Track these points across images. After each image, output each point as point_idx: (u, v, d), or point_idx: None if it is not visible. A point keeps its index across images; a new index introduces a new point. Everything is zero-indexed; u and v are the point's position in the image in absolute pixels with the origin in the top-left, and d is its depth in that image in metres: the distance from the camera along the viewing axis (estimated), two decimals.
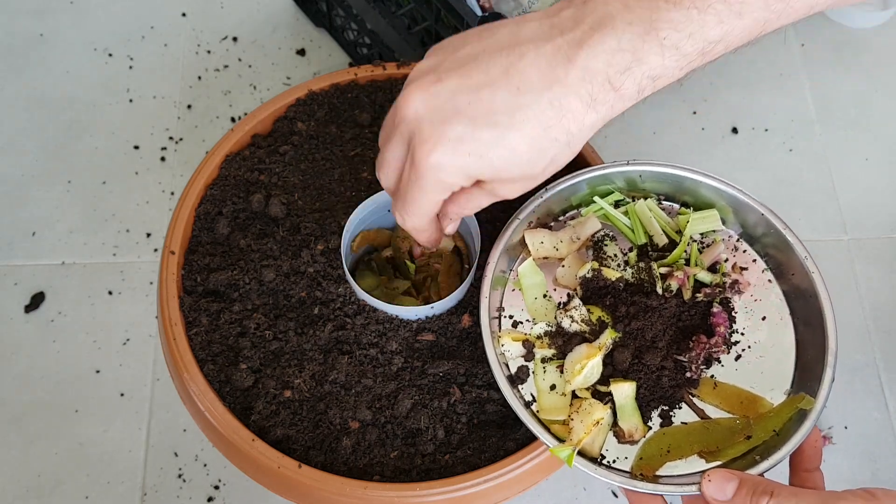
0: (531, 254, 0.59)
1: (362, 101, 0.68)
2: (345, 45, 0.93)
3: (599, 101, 0.45)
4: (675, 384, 0.55)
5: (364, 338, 0.58)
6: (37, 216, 0.85)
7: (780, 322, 0.58)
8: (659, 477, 0.52)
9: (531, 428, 0.53)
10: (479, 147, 0.46)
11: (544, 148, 0.46)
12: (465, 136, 0.46)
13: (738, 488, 0.46)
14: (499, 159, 0.46)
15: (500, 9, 0.79)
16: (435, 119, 0.46)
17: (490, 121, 0.45)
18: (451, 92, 0.46)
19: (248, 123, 0.66)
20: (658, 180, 0.60)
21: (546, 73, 0.45)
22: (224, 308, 0.59)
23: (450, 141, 0.46)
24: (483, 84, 0.46)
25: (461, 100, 0.46)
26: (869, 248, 0.87)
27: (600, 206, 0.60)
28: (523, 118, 0.45)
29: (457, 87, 0.46)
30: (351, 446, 0.56)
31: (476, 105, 0.46)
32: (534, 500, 0.75)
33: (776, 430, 0.53)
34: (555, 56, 0.45)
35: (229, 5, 0.97)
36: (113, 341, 0.79)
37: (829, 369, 0.54)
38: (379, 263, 0.63)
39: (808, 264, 0.56)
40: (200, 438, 0.75)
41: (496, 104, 0.45)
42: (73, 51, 0.94)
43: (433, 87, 0.47)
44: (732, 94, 0.94)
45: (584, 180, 0.59)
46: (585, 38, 0.44)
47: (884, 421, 0.79)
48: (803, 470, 0.52)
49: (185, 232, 0.62)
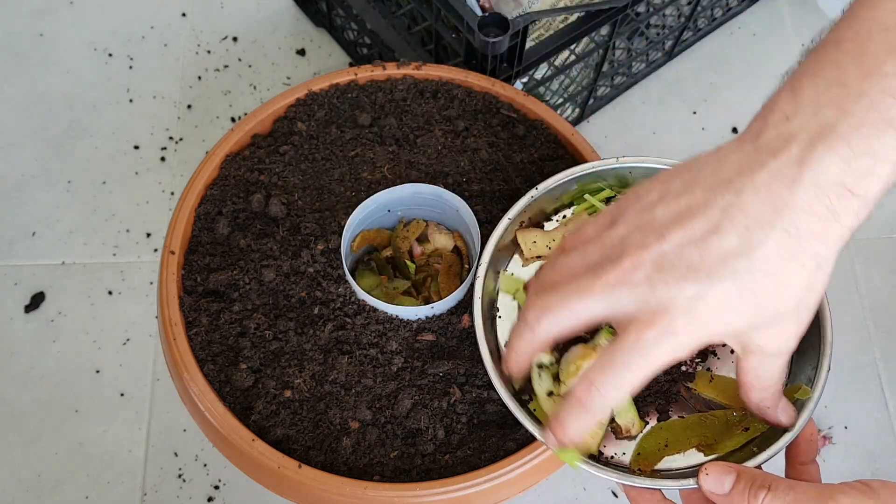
0: (524, 254, 0.59)
1: (362, 101, 0.68)
2: (345, 45, 0.93)
3: (842, 213, 0.42)
4: (670, 378, 0.55)
5: (364, 338, 0.58)
6: (37, 216, 0.85)
7: None
8: (657, 471, 0.52)
9: (528, 427, 0.53)
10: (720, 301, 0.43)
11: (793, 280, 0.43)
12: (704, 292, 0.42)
13: (736, 481, 0.46)
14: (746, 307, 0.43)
15: (499, 9, 0.79)
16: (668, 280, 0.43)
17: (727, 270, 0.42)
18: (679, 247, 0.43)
19: (248, 123, 0.66)
20: (649, 176, 0.60)
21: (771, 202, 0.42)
22: (224, 308, 0.59)
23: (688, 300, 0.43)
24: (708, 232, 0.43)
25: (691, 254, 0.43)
26: (869, 248, 0.87)
27: (591, 204, 0.60)
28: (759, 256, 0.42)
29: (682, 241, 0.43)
30: (351, 446, 0.56)
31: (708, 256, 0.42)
32: (534, 500, 0.75)
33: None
34: (774, 182, 0.42)
35: (229, 5, 0.97)
36: (113, 341, 0.79)
37: (826, 360, 0.53)
38: (379, 263, 0.63)
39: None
40: (200, 438, 0.75)
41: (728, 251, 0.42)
42: (73, 51, 0.94)
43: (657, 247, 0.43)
44: (732, 94, 0.94)
45: (574, 178, 0.59)
46: (806, 154, 0.41)
47: (884, 421, 0.79)
48: (799, 462, 0.52)
49: (185, 232, 0.62)
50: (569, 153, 0.66)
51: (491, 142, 0.66)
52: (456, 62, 0.73)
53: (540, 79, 0.79)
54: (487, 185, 0.64)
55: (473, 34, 0.67)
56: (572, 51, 0.79)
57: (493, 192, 0.64)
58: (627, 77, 0.93)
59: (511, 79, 0.73)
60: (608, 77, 0.89)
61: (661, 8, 0.84)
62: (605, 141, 0.91)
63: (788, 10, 1.00)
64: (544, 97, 0.84)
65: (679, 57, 0.96)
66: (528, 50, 0.72)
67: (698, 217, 0.43)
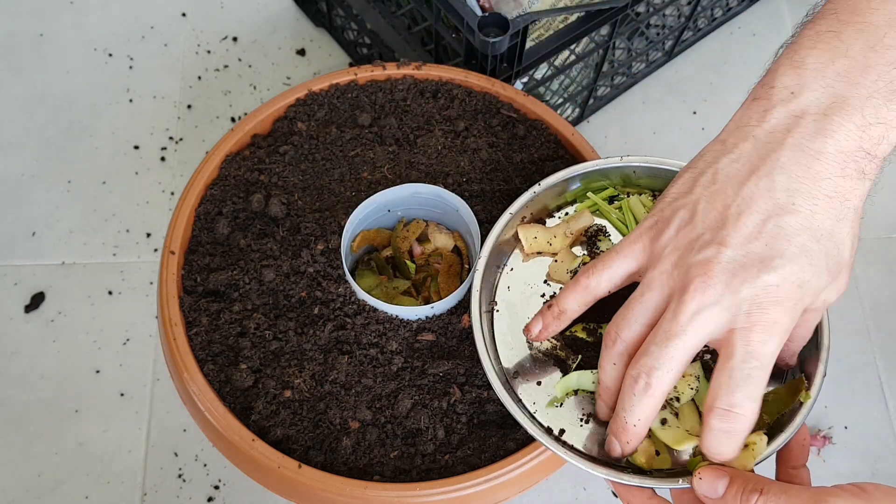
0: (525, 249, 0.59)
1: (362, 101, 0.68)
2: (345, 45, 0.93)
3: (867, 171, 0.44)
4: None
5: (364, 338, 0.58)
6: (37, 216, 0.85)
7: None
8: (650, 471, 0.52)
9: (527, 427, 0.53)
10: (800, 276, 0.44)
11: (844, 234, 0.45)
12: (785, 276, 0.44)
13: (729, 485, 0.46)
14: (819, 274, 0.44)
15: (499, 9, 0.79)
16: (747, 280, 0.44)
17: (795, 246, 0.44)
18: (742, 247, 0.44)
19: (248, 123, 0.66)
20: (652, 176, 0.60)
21: (805, 175, 0.43)
22: (224, 308, 0.59)
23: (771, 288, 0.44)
24: (764, 220, 0.44)
25: (756, 247, 0.44)
26: (869, 248, 0.87)
27: (593, 202, 0.60)
28: (815, 225, 0.44)
29: (742, 239, 0.44)
30: (351, 446, 0.56)
31: (773, 242, 0.44)
32: (534, 500, 0.75)
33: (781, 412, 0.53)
34: (802, 156, 0.43)
35: (229, 5, 0.97)
36: (113, 341, 0.79)
37: (822, 365, 0.53)
38: (379, 263, 0.63)
39: None
40: (200, 438, 0.75)
41: (788, 229, 0.44)
42: (73, 51, 0.94)
43: (722, 258, 0.44)
44: (732, 94, 0.94)
45: (577, 175, 0.60)
46: (824, 126, 0.43)
47: (884, 421, 0.79)
48: (790, 467, 0.52)
49: (185, 232, 0.62)
50: (569, 153, 0.66)
51: (491, 142, 0.66)
52: (456, 62, 0.73)
53: (540, 79, 0.79)
54: (487, 185, 0.64)
55: (473, 34, 0.67)
56: (572, 51, 0.79)
57: (493, 192, 0.64)
58: (627, 77, 0.93)
59: (511, 79, 0.73)
60: (608, 77, 0.89)
61: (661, 8, 0.84)
62: (605, 141, 0.91)
63: (788, 10, 1.00)
64: (544, 97, 0.84)
65: (679, 57, 0.96)
66: (528, 50, 0.72)
67: (744, 213, 0.44)
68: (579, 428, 0.54)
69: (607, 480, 0.52)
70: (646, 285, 0.47)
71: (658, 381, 0.46)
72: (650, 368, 0.46)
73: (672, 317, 0.45)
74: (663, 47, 0.93)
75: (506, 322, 0.58)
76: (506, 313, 0.58)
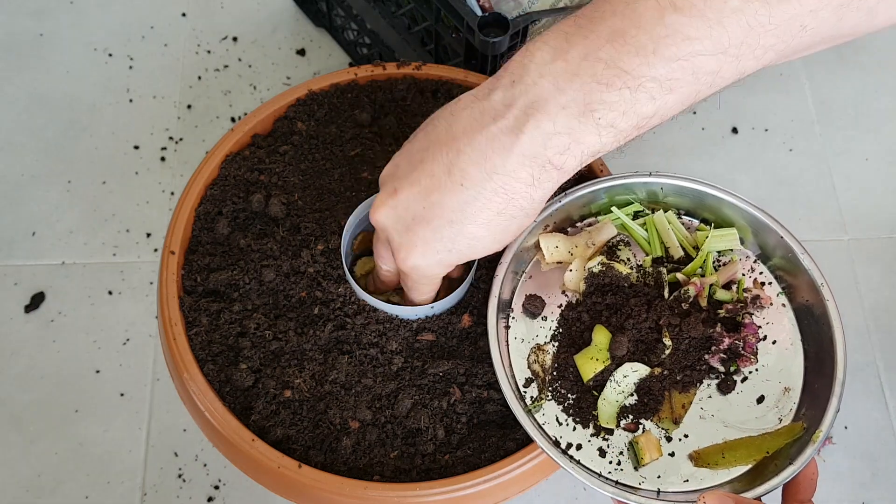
0: (545, 258, 0.59)
1: (362, 101, 0.68)
2: (345, 45, 0.93)
3: (543, 180, 0.47)
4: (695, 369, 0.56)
5: (364, 338, 0.58)
6: (37, 216, 0.85)
7: (791, 347, 0.57)
8: (660, 492, 0.52)
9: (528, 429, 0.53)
10: (445, 243, 0.50)
11: (503, 226, 0.50)
12: (429, 237, 0.50)
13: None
14: (466, 248, 0.50)
15: (499, 9, 0.79)
16: (400, 228, 0.51)
17: (447, 220, 0.49)
18: (407, 201, 0.50)
19: (248, 123, 0.66)
20: (679, 194, 0.60)
21: (484, 165, 0.47)
22: (224, 308, 0.59)
23: (418, 245, 0.50)
24: (431, 188, 0.49)
25: (416, 207, 0.49)
26: (869, 248, 0.87)
27: (617, 216, 0.60)
28: (474, 210, 0.48)
29: (410, 196, 0.50)
30: (351, 446, 0.56)
31: (430, 209, 0.49)
32: (534, 500, 0.75)
33: (769, 451, 0.53)
34: (490, 146, 0.47)
35: (229, 5, 0.97)
36: (113, 341, 0.79)
37: (835, 399, 0.53)
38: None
39: (825, 292, 0.56)
40: (200, 438, 0.75)
41: (446, 204, 0.48)
42: (73, 51, 0.94)
43: (391, 200, 0.51)
44: (732, 94, 0.94)
45: (603, 189, 0.59)
46: (519, 124, 0.46)
47: (884, 421, 0.79)
48: (797, 501, 0.51)
49: (185, 232, 0.62)
50: None
51: None
52: (456, 62, 0.74)
53: None
54: None
55: (473, 34, 0.67)
56: None
57: None
58: None
59: None
60: None
61: None
62: None
63: None
64: None
65: None
66: None
67: (425, 172, 0.49)
68: (588, 443, 0.54)
69: (614, 500, 0.52)
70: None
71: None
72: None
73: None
74: None
75: (521, 330, 0.57)
76: (522, 322, 0.58)
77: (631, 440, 0.54)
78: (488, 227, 0.49)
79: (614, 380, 0.54)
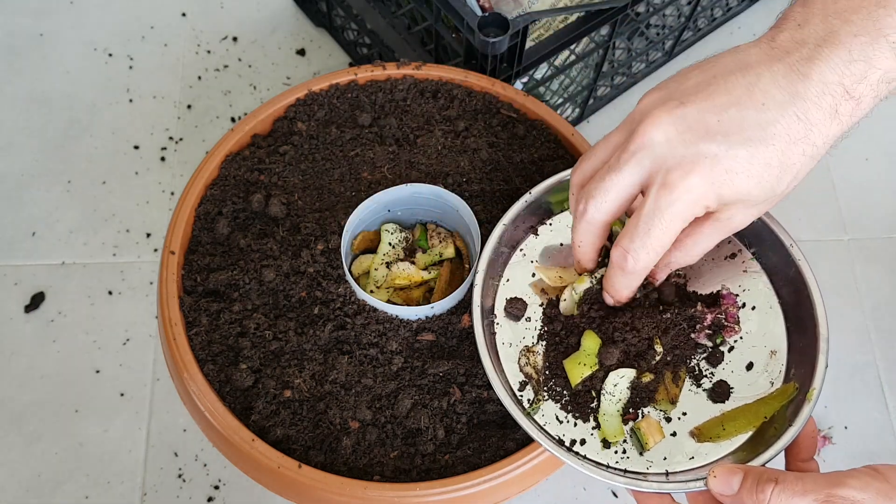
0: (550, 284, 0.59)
1: (362, 102, 0.68)
2: (345, 45, 0.93)
3: (841, 112, 0.46)
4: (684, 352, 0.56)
5: (364, 338, 0.58)
6: (37, 216, 0.85)
7: (770, 311, 0.58)
8: (669, 474, 0.53)
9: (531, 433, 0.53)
10: (734, 164, 0.46)
11: (792, 163, 0.47)
12: (721, 153, 0.46)
13: (743, 480, 0.46)
14: (752, 177, 0.47)
15: (500, 9, 0.79)
16: (687, 140, 0.46)
17: (743, 137, 0.46)
18: (699, 112, 0.47)
19: (248, 123, 0.66)
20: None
21: (787, 88, 0.46)
22: (224, 308, 0.59)
23: (706, 159, 0.46)
24: (728, 104, 0.46)
25: (710, 119, 0.46)
26: (869, 248, 0.87)
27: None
28: (774, 132, 0.46)
29: (703, 108, 0.47)
30: (351, 446, 0.56)
31: (727, 123, 0.46)
32: (534, 500, 0.75)
33: (766, 416, 0.54)
34: (790, 73, 0.46)
35: (229, 5, 0.97)
36: (113, 341, 0.80)
37: (822, 356, 0.54)
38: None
39: (795, 252, 0.57)
40: (200, 438, 0.75)
41: (746, 121, 0.46)
42: (73, 51, 0.94)
43: (678, 111, 0.47)
44: None
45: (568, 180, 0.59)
46: (815, 54, 0.46)
47: (884, 421, 0.79)
48: (800, 460, 0.52)
49: (185, 232, 0.62)
50: (569, 153, 0.66)
51: (491, 142, 0.66)
52: (456, 62, 0.74)
53: (540, 79, 0.79)
54: (487, 185, 0.64)
55: (473, 34, 0.67)
56: (572, 51, 0.79)
57: (493, 192, 0.64)
58: (627, 77, 0.93)
59: (511, 79, 0.73)
60: (608, 77, 0.89)
61: (661, 8, 0.84)
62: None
63: None
64: (544, 97, 0.84)
65: (679, 57, 0.96)
66: (528, 50, 0.72)
67: (720, 90, 0.47)
68: (591, 437, 0.54)
69: (629, 490, 0.52)
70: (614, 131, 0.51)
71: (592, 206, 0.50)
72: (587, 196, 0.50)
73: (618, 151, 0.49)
74: (663, 47, 0.93)
75: (508, 335, 0.57)
76: (507, 326, 0.58)
77: (632, 427, 0.54)
78: (780, 158, 0.46)
79: (606, 391, 0.54)
